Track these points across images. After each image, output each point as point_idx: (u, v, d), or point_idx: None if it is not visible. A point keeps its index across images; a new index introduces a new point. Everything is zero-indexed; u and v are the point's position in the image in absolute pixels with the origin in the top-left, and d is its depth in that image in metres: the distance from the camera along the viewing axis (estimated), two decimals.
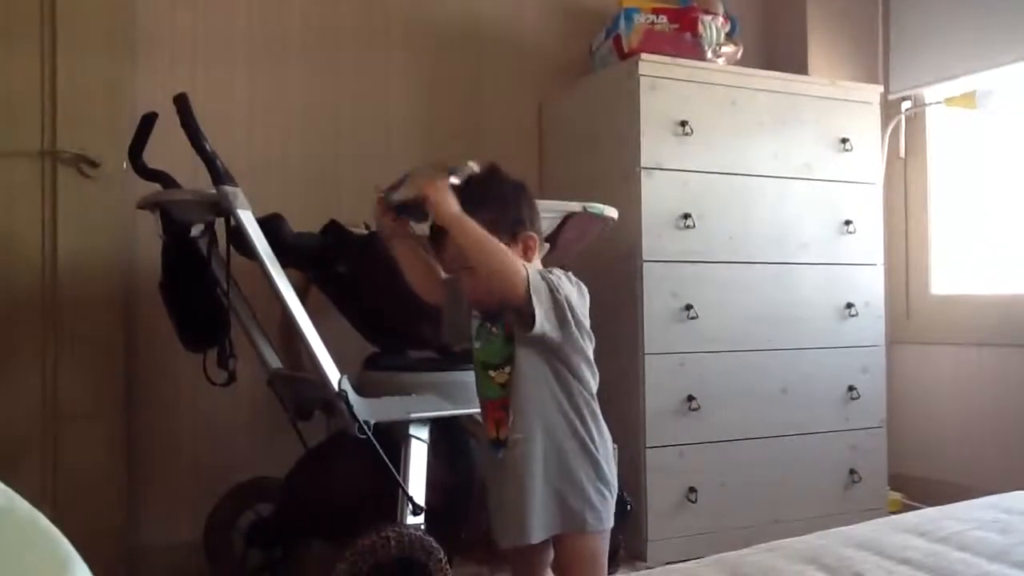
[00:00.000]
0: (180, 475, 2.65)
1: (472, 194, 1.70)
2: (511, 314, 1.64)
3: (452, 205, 1.61)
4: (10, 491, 0.67)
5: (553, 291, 1.59)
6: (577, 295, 1.66)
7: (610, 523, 1.70)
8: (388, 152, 2.94)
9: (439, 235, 1.68)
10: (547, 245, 1.76)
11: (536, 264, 1.72)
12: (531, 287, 1.56)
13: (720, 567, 1.16)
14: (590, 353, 1.69)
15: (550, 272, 1.66)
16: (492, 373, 1.70)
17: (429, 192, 1.63)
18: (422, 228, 1.80)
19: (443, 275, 1.80)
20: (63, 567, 0.61)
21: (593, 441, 1.67)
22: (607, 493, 1.68)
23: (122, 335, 2.50)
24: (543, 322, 1.58)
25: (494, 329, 1.69)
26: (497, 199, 1.69)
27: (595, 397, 1.70)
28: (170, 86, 2.04)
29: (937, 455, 3.34)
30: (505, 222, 1.67)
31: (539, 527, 1.62)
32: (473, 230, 1.59)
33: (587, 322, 1.68)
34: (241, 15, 2.77)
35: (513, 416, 1.65)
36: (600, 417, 1.70)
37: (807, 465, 2.92)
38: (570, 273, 1.70)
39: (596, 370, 1.71)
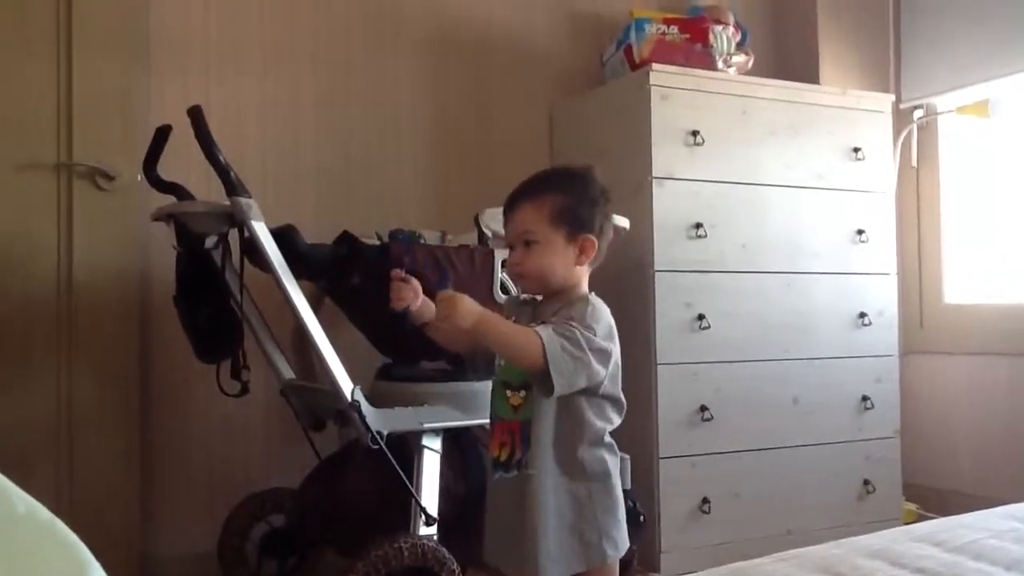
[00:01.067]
0: (194, 484, 2.66)
1: (558, 181, 1.71)
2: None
3: (469, 316, 1.55)
4: (30, 498, 0.68)
5: (575, 354, 1.54)
6: (608, 338, 1.62)
7: (625, 547, 1.67)
8: (399, 161, 2.96)
9: None
10: (600, 259, 1.75)
11: (584, 276, 1.71)
12: (549, 362, 1.52)
13: None
14: (617, 391, 1.66)
15: (589, 306, 1.63)
16: (509, 393, 1.67)
17: (449, 311, 1.57)
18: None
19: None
20: (82, 571, 0.62)
21: (607, 469, 1.64)
22: (621, 517, 1.66)
23: (137, 345, 2.52)
24: (562, 390, 1.54)
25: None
26: (578, 193, 1.68)
27: (619, 414, 1.68)
28: (184, 97, 2.06)
29: (952, 465, 3.32)
30: (574, 217, 1.65)
31: (553, 568, 1.59)
32: (494, 331, 1.56)
33: (618, 362, 1.65)
34: (253, 25, 2.79)
35: (530, 448, 1.63)
36: (614, 445, 1.68)
37: (821, 475, 2.91)
38: (606, 315, 1.66)
39: (624, 404, 1.68)
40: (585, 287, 1.72)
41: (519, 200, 1.70)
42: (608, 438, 1.67)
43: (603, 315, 1.65)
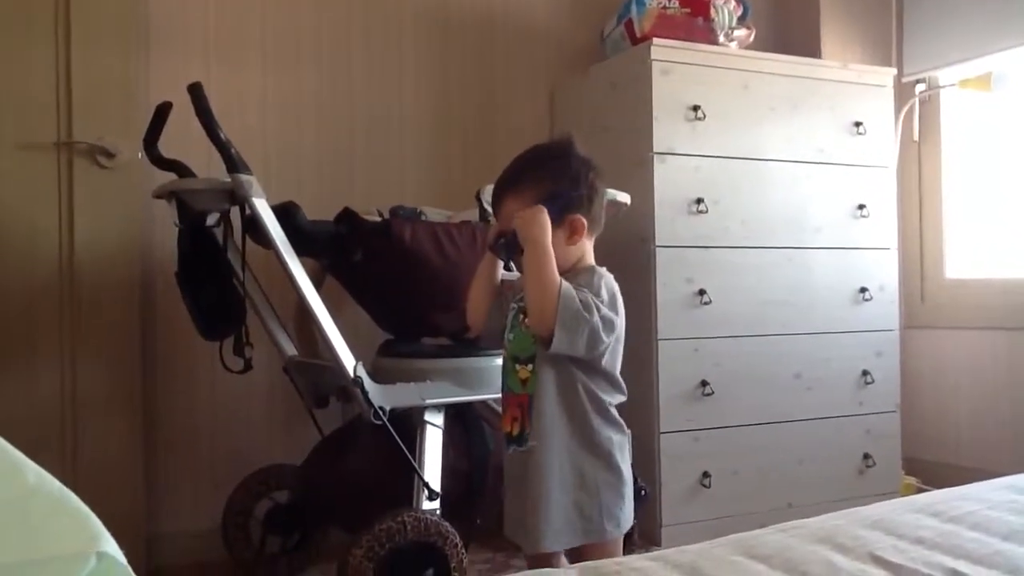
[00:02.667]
0: (198, 463, 2.68)
1: (536, 165, 1.70)
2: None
3: (541, 234, 1.59)
4: (41, 469, 0.69)
5: (584, 315, 1.56)
6: (612, 307, 1.63)
7: (629, 524, 1.69)
8: (401, 138, 2.95)
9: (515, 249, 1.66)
10: (599, 229, 1.75)
11: (587, 250, 1.72)
12: (559, 314, 1.54)
13: (735, 547, 1.16)
14: (614, 368, 1.68)
15: (595, 275, 1.65)
16: (518, 367, 1.69)
17: (526, 220, 1.61)
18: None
19: (488, 313, 1.80)
20: (93, 541, 0.63)
21: (611, 445, 1.66)
22: (626, 495, 1.67)
23: (139, 323, 2.52)
24: (560, 346, 1.56)
25: (527, 321, 1.67)
26: (558, 174, 1.67)
27: (621, 393, 1.70)
28: (184, 78, 2.05)
29: (952, 439, 3.34)
30: (559, 198, 1.64)
31: (553, 538, 1.61)
32: (544, 259, 1.58)
33: (622, 336, 1.67)
34: (255, 5, 2.77)
35: (532, 421, 1.65)
36: (620, 421, 1.69)
37: (821, 450, 2.92)
38: (610, 282, 1.68)
39: (623, 385, 1.70)
40: (590, 259, 1.73)
41: (501, 194, 1.71)
42: (615, 413, 1.68)
43: (609, 285, 1.66)
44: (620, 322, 1.65)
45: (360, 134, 2.90)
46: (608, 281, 1.66)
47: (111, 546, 0.64)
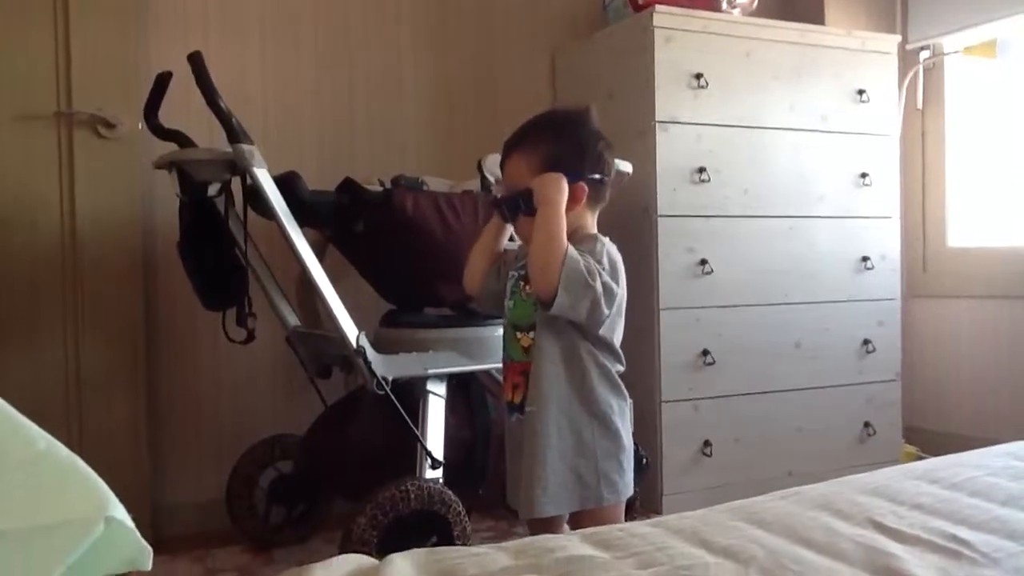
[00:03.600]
0: (202, 434, 2.69)
1: (548, 128, 1.70)
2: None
3: (557, 195, 1.60)
4: (50, 437, 0.70)
5: (588, 280, 1.57)
6: (613, 276, 1.63)
7: (628, 492, 1.70)
8: (401, 108, 2.94)
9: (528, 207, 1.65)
10: (604, 202, 1.75)
11: (588, 220, 1.72)
12: (563, 276, 1.54)
13: (735, 513, 1.18)
14: (616, 338, 1.68)
15: (597, 243, 1.65)
16: (519, 335, 1.70)
17: (545, 180, 1.62)
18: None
19: (485, 277, 1.81)
20: (103, 505, 0.64)
21: (612, 413, 1.66)
22: (625, 463, 1.68)
23: (142, 295, 2.53)
24: (561, 308, 1.56)
25: (527, 289, 1.68)
26: (566, 139, 1.68)
27: (619, 363, 1.70)
28: (184, 48, 2.04)
29: (952, 408, 3.35)
30: (563, 164, 1.64)
31: (551, 504, 1.62)
32: (555, 219, 1.58)
33: (623, 306, 1.67)
34: None
35: (530, 387, 1.66)
36: (621, 388, 1.70)
37: (822, 418, 2.94)
38: (612, 251, 1.68)
39: (621, 355, 1.70)
40: (591, 228, 1.73)
41: (509, 151, 1.71)
42: (617, 379, 1.69)
43: (611, 253, 1.66)
44: (621, 292, 1.65)
45: (360, 103, 2.89)
46: (610, 250, 1.67)
47: (120, 511, 0.65)
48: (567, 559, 1.00)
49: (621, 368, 1.71)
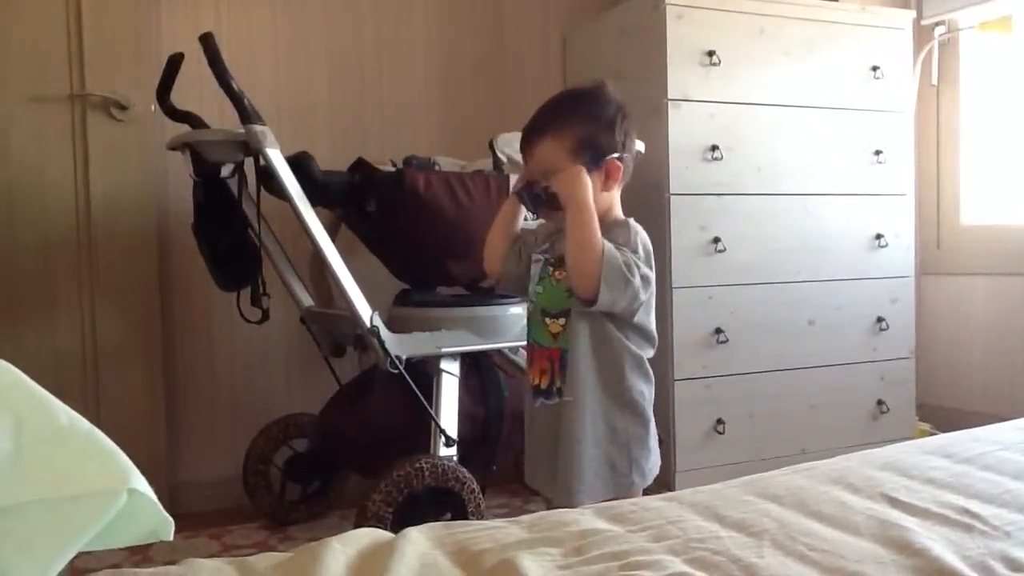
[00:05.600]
0: (218, 412, 2.72)
1: (573, 107, 1.68)
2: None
3: (583, 192, 1.58)
4: (71, 410, 0.71)
5: (628, 275, 1.56)
6: (647, 264, 1.63)
7: (655, 474, 1.70)
8: (412, 87, 2.94)
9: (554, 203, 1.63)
10: (627, 178, 1.74)
11: (616, 200, 1.71)
12: (604, 271, 1.53)
13: (748, 487, 1.18)
14: (649, 322, 1.67)
15: (631, 231, 1.64)
16: (548, 321, 1.68)
17: (569, 180, 1.60)
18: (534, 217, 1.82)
19: (505, 258, 1.79)
20: (124, 478, 0.65)
21: (642, 399, 1.67)
22: (652, 446, 1.69)
23: (157, 275, 2.55)
24: (603, 305, 1.56)
25: (557, 275, 1.66)
26: (595, 118, 1.66)
27: (651, 346, 1.70)
28: (195, 28, 2.05)
29: (966, 385, 3.34)
30: (595, 143, 1.63)
31: (586, 493, 1.62)
32: (588, 216, 1.56)
33: (653, 290, 1.66)
34: None
35: (567, 376, 1.65)
36: (650, 373, 1.70)
37: (835, 396, 2.94)
38: (645, 238, 1.67)
39: (655, 338, 1.70)
40: (619, 211, 1.72)
41: (536, 135, 1.67)
42: (647, 366, 1.69)
43: (644, 241, 1.65)
44: (653, 276, 1.65)
45: (372, 84, 2.89)
46: (643, 237, 1.65)
47: (142, 483, 0.67)
48: (581, 532, 1.02)
49: (652, 351, 1.70)
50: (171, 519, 0.73)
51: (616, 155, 1.65)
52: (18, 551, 0.62)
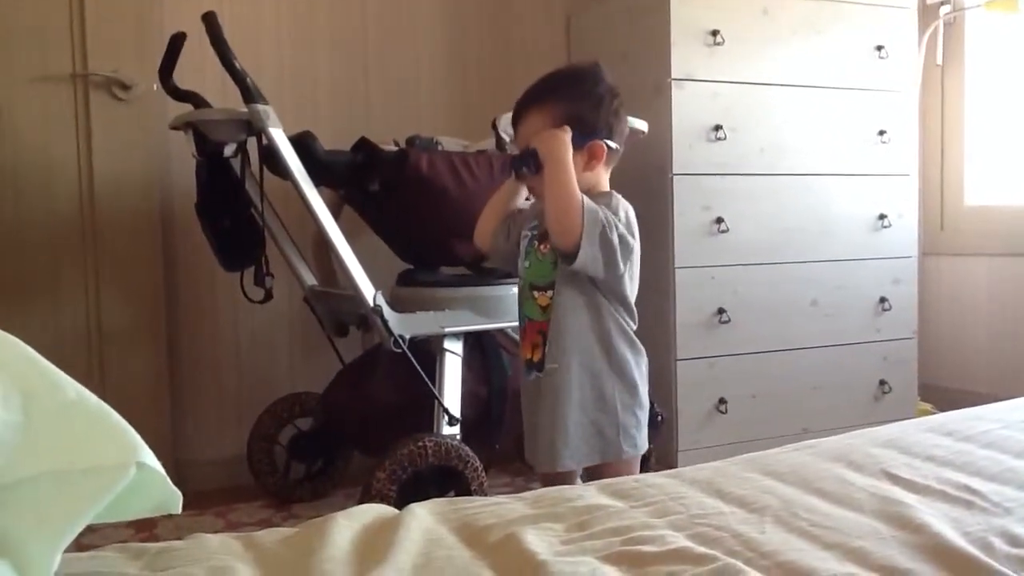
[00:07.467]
0: (222, 391, 2.73)
1: (561, 85, 1.69)
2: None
3: (562, 151, 1.60)
4: (80, 386, 0.71)
5: (607, 232, 1.58)
6: (628, 230, 1.64)
7: (644, 447, 1.72)
8: (415, 68, 2.93)
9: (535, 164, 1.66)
10: (616, 159, 1.76)
11: (602, 179, 1.72)
12: (585, 226, 1.55)
13: (750, 464, 1.19)
14: (631, 294, 1.69)
15: (613, 199, 1.65)
16: (537, 294, 1.70)
17: (547, 138, 1.62)
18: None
19: (495, 233, 1.81)
20: (134, 451, 0.66)
21: (629, 367, 1.68)
22: (642, 417, 1.71)
23: (160, 255, 2.55)
24: (585, 260, 1.58)
25: (543, 248, 1.69)
26: (582, 96, 1.67)
27: (633, 320, 1.72)
28: (198, 7, 2.04)
29: (968, 366, 3.35)
30: (579, 122, 1.64)
31: (570, 457, 1.65)
32: (565, 175, 1.58)
33: (637, 263, 1.68)
34: None
35: (550, 344, 1.67)
36: (637, 343, 1.72)
37: (838, 376, 2.94)
38: (627, 207, 1.69)
39: (635, 312, 1.71)
40: (605, 186, 1.73)
41: (524, 108, 1.70)
42: (633, 335, 1.70)
43: (626, 208, 1.67)
44: (637, 247, 1.66)
45: (375, 63, 2.88)
46: (625, 205, 1.68)
47: (150, 457, 0.67)
48: (585, 508, 1.02)
49: (634, 326, 1.72)
50: (179, 493, 0.74)
51: (600, 137, 1.66)
52: (31, 522, 0.63)
